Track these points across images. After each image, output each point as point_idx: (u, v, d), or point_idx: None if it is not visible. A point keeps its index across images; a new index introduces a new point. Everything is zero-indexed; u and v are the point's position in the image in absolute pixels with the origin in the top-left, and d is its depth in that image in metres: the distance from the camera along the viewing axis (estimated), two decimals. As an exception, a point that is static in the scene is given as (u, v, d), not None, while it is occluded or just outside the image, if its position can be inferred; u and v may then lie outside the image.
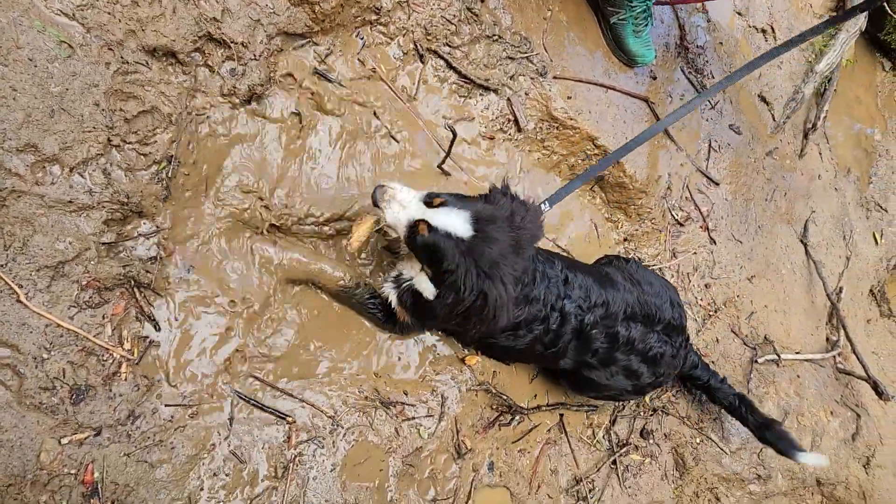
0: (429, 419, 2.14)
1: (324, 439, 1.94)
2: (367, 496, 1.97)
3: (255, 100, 1.95)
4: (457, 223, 1.64)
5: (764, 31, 3.52)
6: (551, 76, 2.49)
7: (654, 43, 2.77)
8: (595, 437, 2.56)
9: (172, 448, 1.71)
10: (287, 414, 1.90)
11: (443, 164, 2.24)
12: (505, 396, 2.29)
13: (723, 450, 2.82)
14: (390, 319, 2.05)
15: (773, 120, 3.46)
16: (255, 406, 1.86)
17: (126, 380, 1.67)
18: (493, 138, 2.44)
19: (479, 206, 1.68)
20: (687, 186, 2.96)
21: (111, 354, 1.66)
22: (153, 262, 1.77)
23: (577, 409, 2.51)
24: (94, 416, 1.61)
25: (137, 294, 1.73)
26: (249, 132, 1.96)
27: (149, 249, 1.77)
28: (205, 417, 1.78)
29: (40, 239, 1.56)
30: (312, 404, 1.95)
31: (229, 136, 1.92)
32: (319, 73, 2.06)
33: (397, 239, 1.86)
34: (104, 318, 1.67)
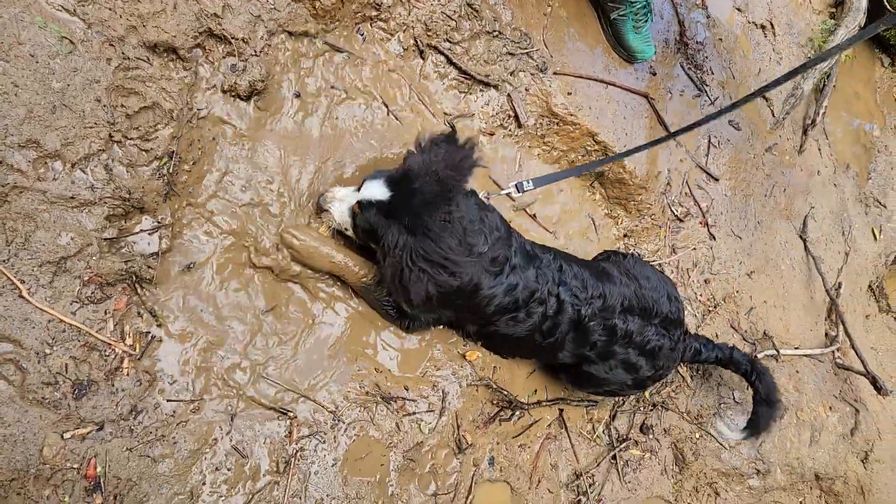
0: (430, 414, 2.15)
1: (325, 434, 1.95)
2: (369, 490, 1.98)
3: (255, 95, 1.95)
4: (375, 190, 1.65)
5: (763, 28, 3.52)
6: (551, 72, 2.49)
7: (653, 39, 2.78)
8: (595, 432, 2.57)
9: (174, 443, 1.72)
10: (288, 409, 1.90)
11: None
12: (505, 392, 2.29)
13: (722, 445, 2.84)
14: (402, 316, 2.08)
15: (773, 116, 3.46)
16: (257, 401, 1.87)
17: (128, 375, 1.68)
18: (493, 134, 2.45)
19: (398, 167, 1.67)
20: (686, 182, 2.97)
21: (113, 350, 1.67)
22: (155, 257, 1.77)
23: (577, 404, 2.52)
24: (96, 410, 1.61)
25: (139, 289, 1.74)
26: (248, 126, 1.96)
27: (150, 245, 1.77)
28: (206, 412, 1.79)
29: (42, 234, 1.57)
30: (314, 399, 1.95)
31: (234, 131, 1.93)
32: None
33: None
34: (106, 313, 1.67)
